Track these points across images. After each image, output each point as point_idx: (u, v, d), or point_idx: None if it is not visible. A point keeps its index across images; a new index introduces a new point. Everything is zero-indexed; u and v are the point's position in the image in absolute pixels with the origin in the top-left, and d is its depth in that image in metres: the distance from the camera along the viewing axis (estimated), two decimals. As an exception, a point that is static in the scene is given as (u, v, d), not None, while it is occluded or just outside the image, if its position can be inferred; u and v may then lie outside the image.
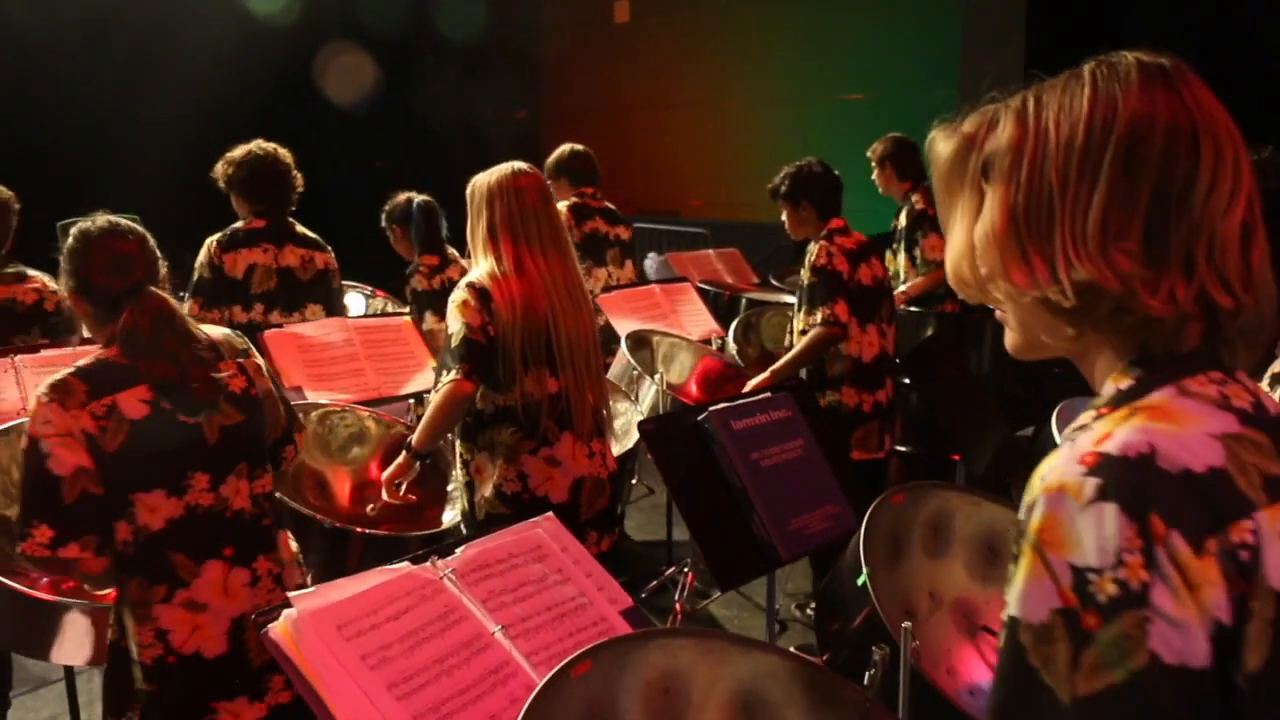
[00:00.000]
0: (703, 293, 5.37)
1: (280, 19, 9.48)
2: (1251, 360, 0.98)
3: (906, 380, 4.34)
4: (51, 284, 3.47)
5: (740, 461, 2.38)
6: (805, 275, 3.96)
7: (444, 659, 1.71)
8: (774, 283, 6.72)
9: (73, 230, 2.14)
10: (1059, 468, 0.88)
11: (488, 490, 2.85)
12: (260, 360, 2.35)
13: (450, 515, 3.16)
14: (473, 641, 1.77)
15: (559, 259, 2.87)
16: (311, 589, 1.68)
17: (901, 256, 5.25)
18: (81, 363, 2.12)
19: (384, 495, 2.89)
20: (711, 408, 2.43)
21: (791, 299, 5.94)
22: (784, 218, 4.16)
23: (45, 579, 2.54)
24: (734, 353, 4.75)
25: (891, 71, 8.60)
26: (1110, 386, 0.96)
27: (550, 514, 2.12)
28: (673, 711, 1.65)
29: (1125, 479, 0.84)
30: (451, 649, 1.74)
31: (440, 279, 4.49)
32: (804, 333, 3.92)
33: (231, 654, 2.20)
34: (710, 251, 6.51)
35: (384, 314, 4.45)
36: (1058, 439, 2.72)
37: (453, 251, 4.67)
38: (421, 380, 3.62)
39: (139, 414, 2.08)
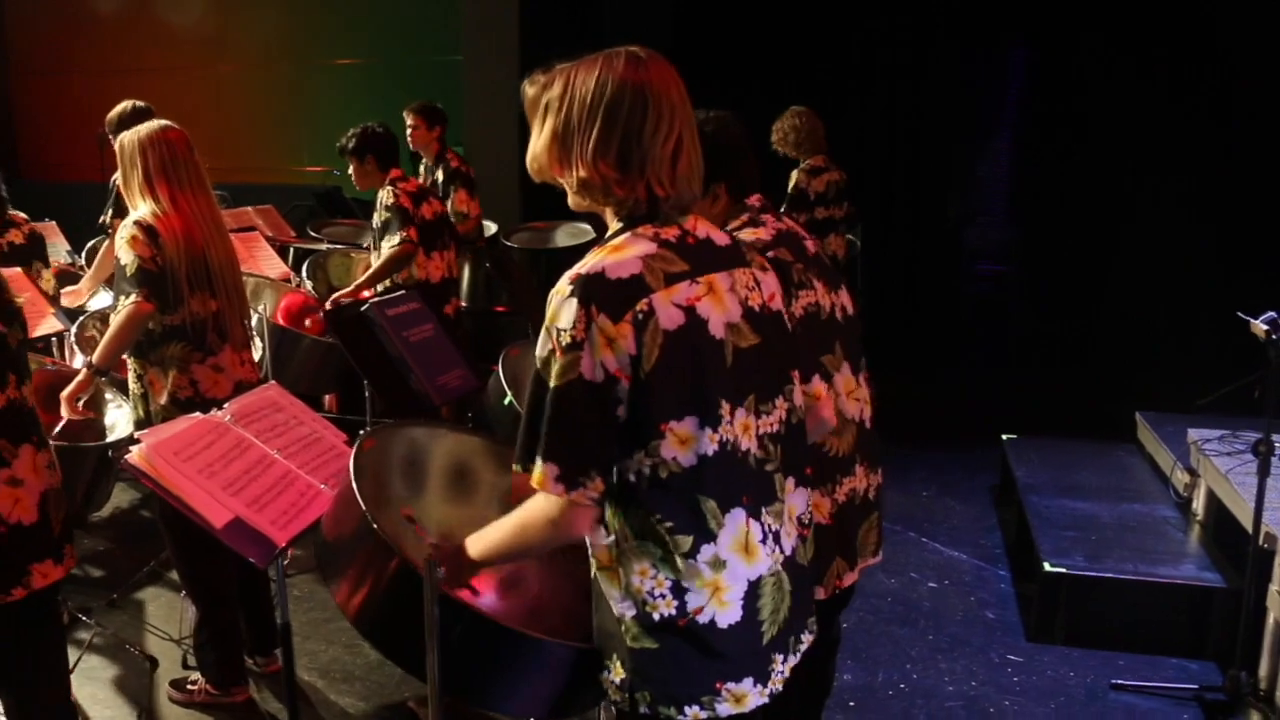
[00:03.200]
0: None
1: None
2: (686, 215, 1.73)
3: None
4: None
5: (396, 337, 3.18)
6: (380, 215, 4.78)
7: (250, 471, 2.38)
8: (312, 234, 7.35)
9: None
10: (561, 281, 1.60)
11: (163, 399, 3.34)
12: None
13: (117, 434, 3.58)
14: (262, 460, 2.44)
15: (204, 198, 3.42)
16: (147, 430, 2.26)
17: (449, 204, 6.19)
18: None
19: (65, 412, 3.27)
20: (371, 301, 3.20)
21: (334, 246, 6.67)
22: (350, 171, 4.93)
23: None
24: (309, 288, 5.42)
25: (390, 37, 9.34)
26: (609, 233, 1.71)
27: (274, 381, 2.80)
28: (416, 475, 2.46)
29: (582, 286, 1.58)
30: (251, 465, 2.40)
31: None
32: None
33: (40, 522, 2.60)
34: (250, 209, 6.95)
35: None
36: None
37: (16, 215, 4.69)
38: (47, 325, 3.89)
39: None
